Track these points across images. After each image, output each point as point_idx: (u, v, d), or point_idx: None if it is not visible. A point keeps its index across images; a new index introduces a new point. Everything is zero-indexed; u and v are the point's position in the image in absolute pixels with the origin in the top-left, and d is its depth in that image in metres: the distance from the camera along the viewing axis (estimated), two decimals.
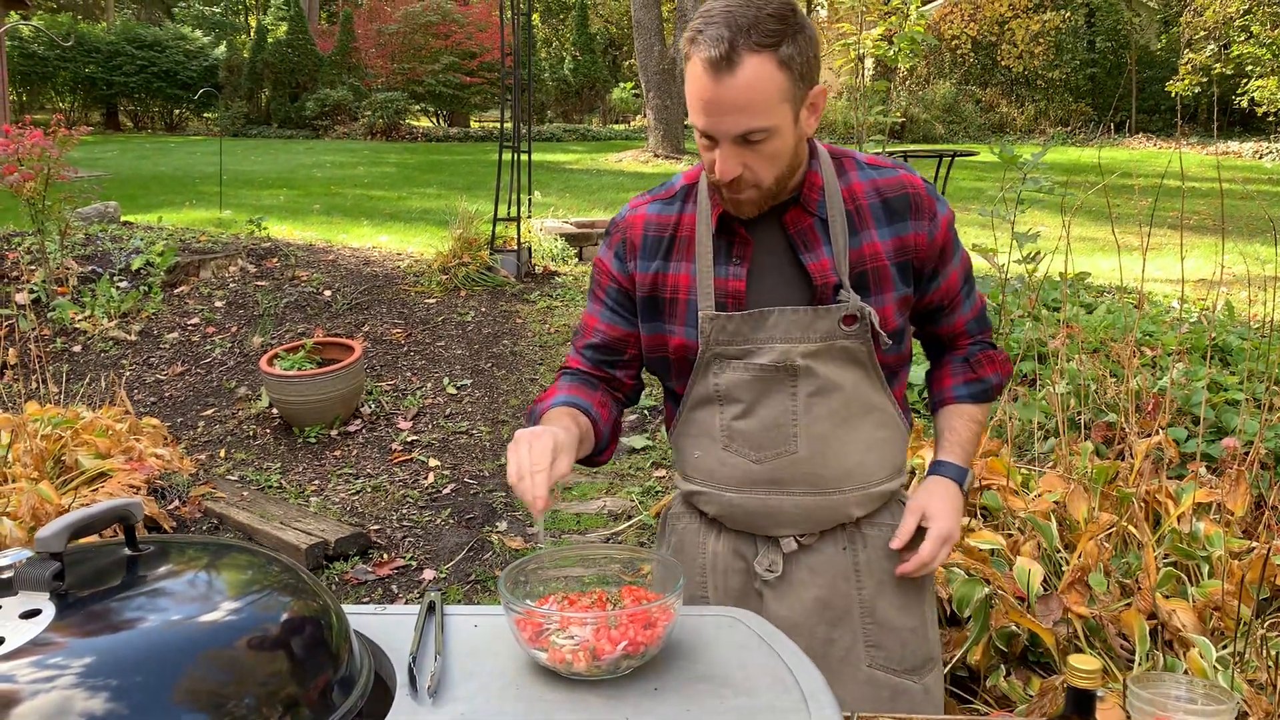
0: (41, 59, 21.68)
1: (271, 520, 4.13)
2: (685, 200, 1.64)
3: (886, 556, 1.64)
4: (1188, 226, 4.03)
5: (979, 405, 1.73)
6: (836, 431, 1.57)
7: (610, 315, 1.69)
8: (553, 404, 1.62)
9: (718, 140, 1.43)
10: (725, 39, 1.36)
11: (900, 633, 1.65)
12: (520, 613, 1.32)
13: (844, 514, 1.62)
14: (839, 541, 1.64)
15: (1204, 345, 4.25)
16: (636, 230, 1.65)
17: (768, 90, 1.39)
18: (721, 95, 1.38)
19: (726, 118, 1.40)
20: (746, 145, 1.43)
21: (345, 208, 10.74)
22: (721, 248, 1.58)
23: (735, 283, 1.56)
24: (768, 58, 1.37)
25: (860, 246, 1.56)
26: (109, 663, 1.00)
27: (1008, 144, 4.10)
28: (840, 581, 1.63)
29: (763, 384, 1.56)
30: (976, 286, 1.74)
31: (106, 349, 6.14)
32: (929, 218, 1.58)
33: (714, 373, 1.59)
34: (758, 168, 1.46)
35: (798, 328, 1.54)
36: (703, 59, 1.38)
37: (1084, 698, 1.14)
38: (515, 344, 6.34)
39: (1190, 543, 2.81)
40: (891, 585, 1.65)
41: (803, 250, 1.55)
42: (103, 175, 11.34)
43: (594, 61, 23.85)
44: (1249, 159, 17.08)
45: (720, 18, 1.38)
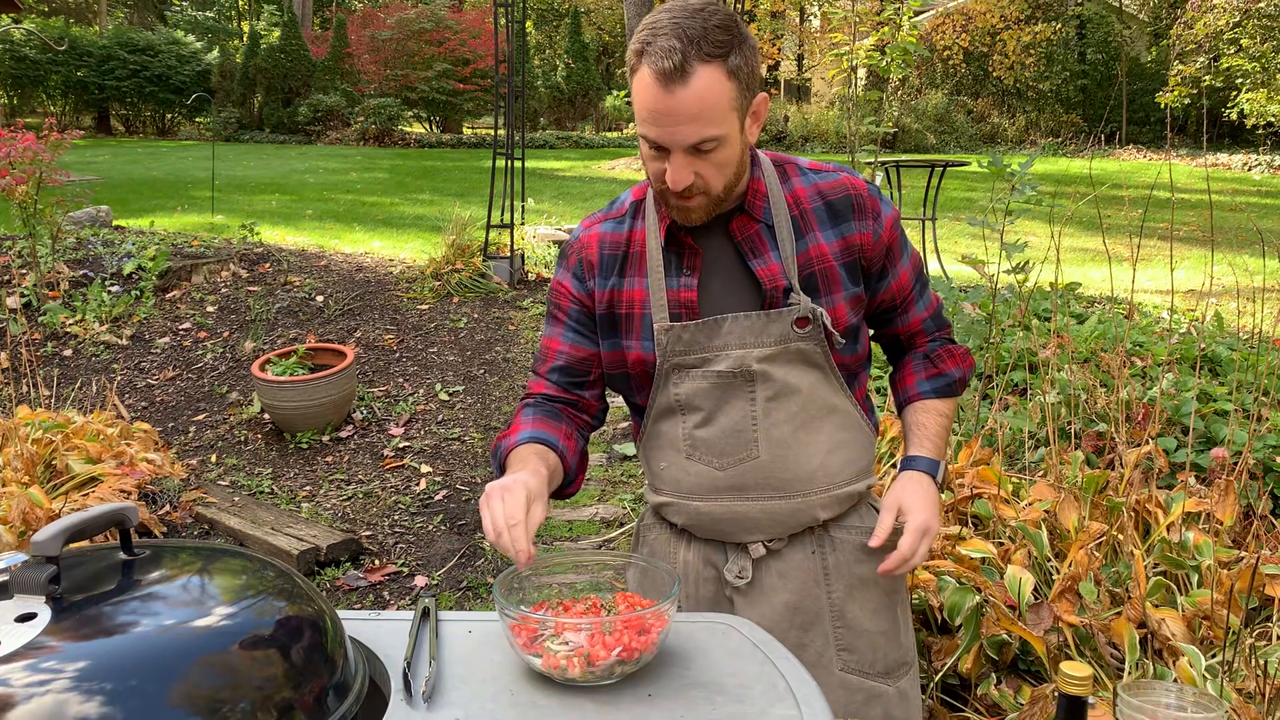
0: (33, 63, 21.61)
1: (263, 526, 4.12)
2: (635, 216, 1.66)
3: (856, 560, 1.66)
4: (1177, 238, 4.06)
5: (944, 400, 1.73)
6: (797, 435, 1.59)
7: (573, 336, 1.69)
8: (519, 441, 1.60)
9: (668, 150, 1.45)
10: (677, 50, 1.38)
11: (871, 636, 1.66)
12: (515, 618, 1.32)
13: (810, 517, 1.63)
14: (807, 546, 1.66)
15: (1193, 356, 4.27)
16: (592, 249, 1.66)
17: (719, 99, 1.41)
18: (674, 106, 1.40)
19: (680, 128, 1.42)
20: (697, 154, 1.45)
21: (338, 213, 10.74)
22: (672, 260, 1.60)
23: (687, 293, 1.58)
24: (717, 67, 1.40)
25: (807, 249, 1.58)
26: (104, 667, 1.00)
27: (998, 154, 4.12)
28: (810, 586, 1.65)
29: (721, 391, 1.58)
30: (930, 286, 1.76)
31: (98, 353, 6.12)
32: (873, 217, 1.60)
33: (673, 383, 1.61)
34: (708, 176, 1.48)
35: (751, 333, 1.56)
36: (654, 70, 1.39)
37: (1076, 704, 1.15)
38: (508, 350, 6.35)
39: (1180, 552, 2.82)
40: (861, 589, 1.66)
41: (751, 256, 1.57)
42: (95, 180, 11.31)
43: (587, 69, 23.88)
44: (1238, 171, 17.18)
45: (669, 29, 1.39)
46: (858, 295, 1.61)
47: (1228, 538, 2.95)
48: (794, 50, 26.91)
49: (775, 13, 23.64)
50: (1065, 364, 4.07)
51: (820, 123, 21.05)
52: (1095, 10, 23.03)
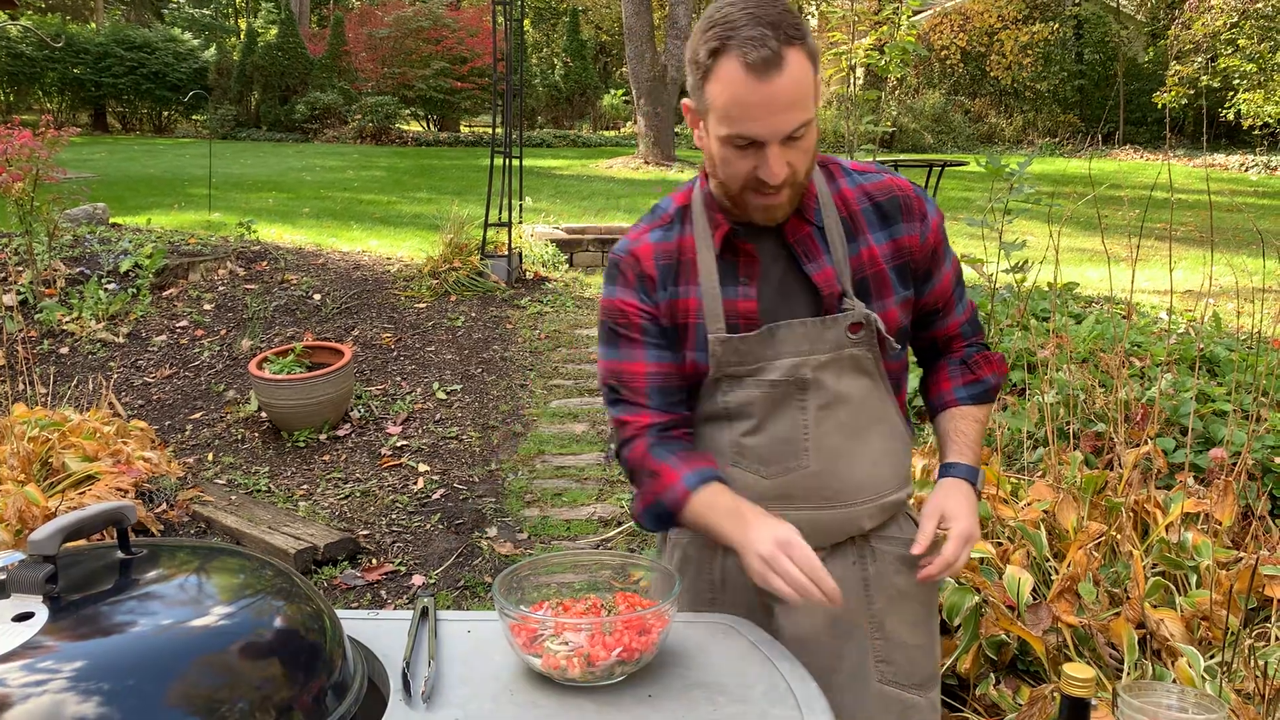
0: (30, 60, 21.56)
1: (260, 524, 4.12)
2: (682, 223, 1.60)
3: (895, 571, 1.63)
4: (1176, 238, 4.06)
5: (980, 406, 1.70)
6: (848, 444, 1.56)
7: (657, 353, 1.59)
8: (690, 485, 1.49)
9: (761, 144, 1.40)
10: (769, 38, 1.34)
11: (909, 649, 1.63)
12: (515, 618, 1.31)
13: (855, 526, 1.59)
14: (848, 556, 1.61)
15: (1192, 356, 4.27)
16: (648, 262, 1.59)
17: (807, 82, 1.39)
18: (772, 95, 1.36)
19: (779, 117, 1.38)
20: (791, 143, 1.41)
21: (335, 211, 10.72)
22: (727, 268, 1.55)
23: (746, 303, 1.53)
24: (800, 50, 1.37)
25: (859, 252, 1.55)
26: (102, 667, 1.00)
27: (995, 154, 4.12)
28: (850, 597, 1.58)
29: (773, 400, 1.54)
30: (966, 290, 1.73)
31: (94, 351, 6.11)
32: (920, 219, 1.58)
33: (722, 391, 1.56)
34: (798, 164, 1.44)
35: (807, 340, 1.52)
36: (747, 61, 1.35)
37: (1079, 706, 1.14)
38: (505, 349, 6.34)
39: (1178, 552, 2.82)
40: (900, 600, 1.63)
41: (805, 260, 1.54)
42: (91, 177, 11.29)
43: (585, 68, 23.86)
44: (1235, 171, 17.20)
45: (747, 19, 1.36)
46: (908, 299, 1.59)
47: (1226, 538, 2.95)
48: None
49: None
50: (1064, 364, 4.07)
51: (818, 122, 21.03)
52: (1093, 10, 23.04)
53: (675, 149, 16.37)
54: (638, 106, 15.94)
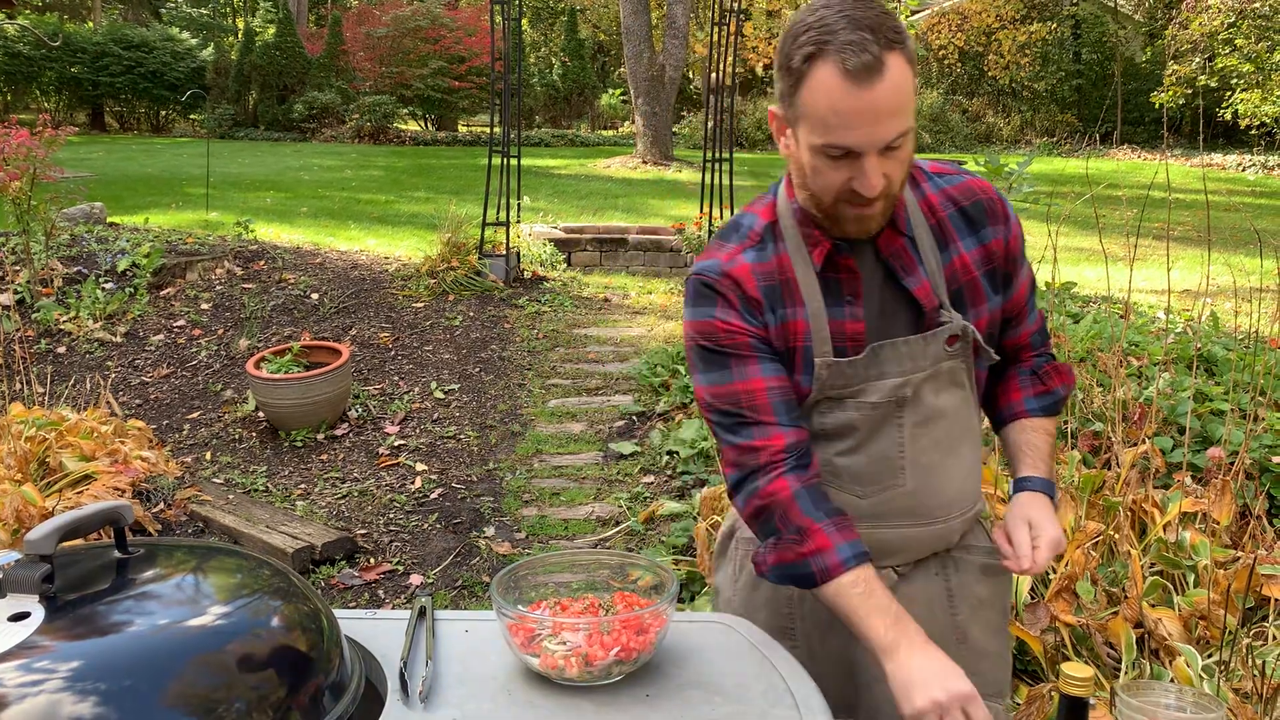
0: (27, 59, 21.52)
1: (257, 524, 4.11)
2: (774, 240, 1.50)
3: (976, 580, 1.60)
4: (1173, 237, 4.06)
5: (1050, 418, 1.64)
6: (942, 460, 1.52)
7: (773, 368, 1.48)
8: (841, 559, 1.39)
9: (857, 154, 1.32)
10: (869, 42, 1.27)
11: (990, 657, 1.60)
12: (513, 618, 1.31)
13: (946, 541, 1.57)
14: (930, 568, 1.59)
15: (1189, 355, 4.27)
16: (750, 283, 1.47)
17: (908, 89, 1.31)
18: (872, 103, 1.28)
19: (879, 126, 1.30)
20: (888, 152, 1.33)
21: (333, 211, 10.71)
22: (829, 286, 1.46)
23: (854, 324, 1.46)
24: (900, 54, 1.30)
25: (951, 261, 1.49)
26: (98, 666, 0.99)
27: (994, 154, 4.11)
28: (936, 609, 1.57)
29: (872, 421, 1.49)
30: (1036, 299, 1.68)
31: (92, 350, 6.10)
32: (1004, 221, 1.53)
33: (820, 412, 1.51)
34: (894, 174, 1.36)
35: (909, 358, 1.47)
36: (846, 68, 1.27)
37: (1077, 705, 1.14)
38: (503, 349, 6.33)
39: (1176, 552, 2.82)
40: (981, 609, 1.61)
41: (902, 274, 1.47)
42: (88, 176, 11.27)
43: (583, 67, 23.84)
44: (1232, 171, 17.22)
45: (845, 23, 1.28)
46: (998, 305, 1.54)
47: (1224, 537, 2.96)
48: None
49: (771, 11, 23.64)
50: None
51: None
52: (1090, 10, 23.06)
53: (673, 149, 16.37)
54: (636, 106, 15.93)
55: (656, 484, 4.57)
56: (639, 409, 5.40)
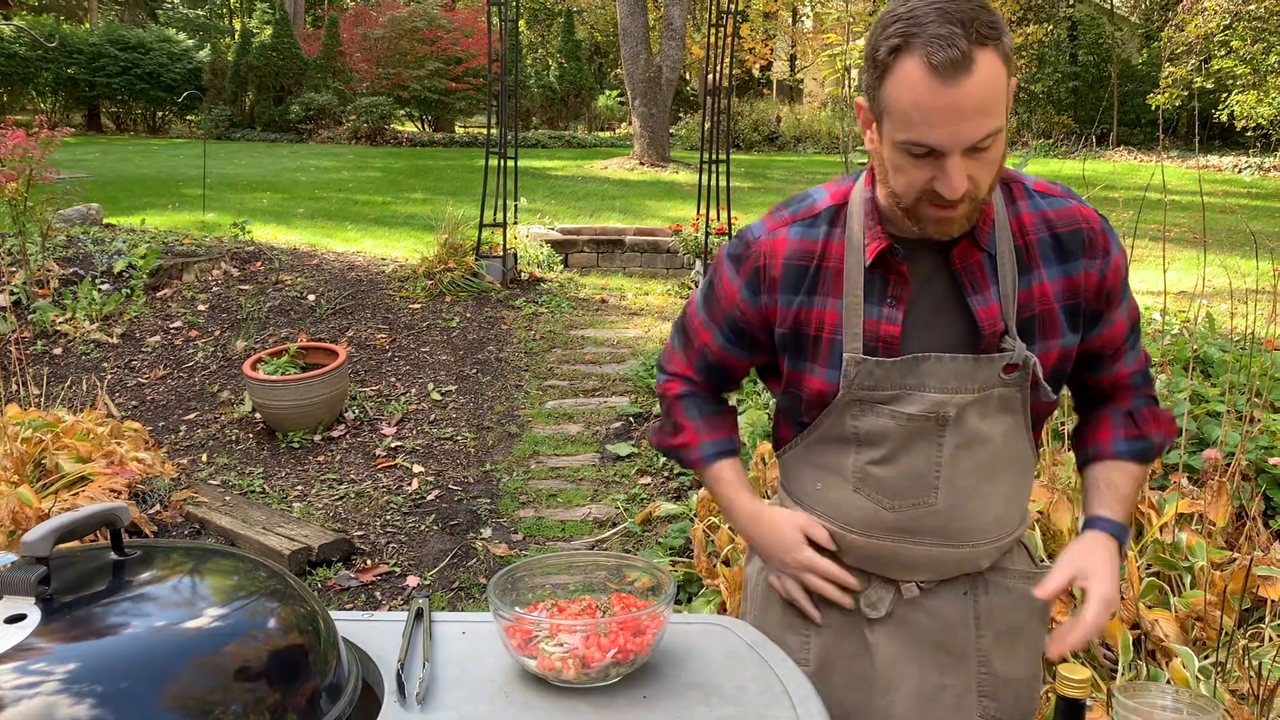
0: (23, 60, 21.49)
1: (254, 525, 4.11)
2: (832, 225, 1.45)
3: (1011, 605, 1.53)
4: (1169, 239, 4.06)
5: (1141, 465, 1.53)
6: (981, 486, 1.45)
7: (725, 342, 1.56)
8: (707, 456, 1.60)
9: (941, 154, 1.27)
10: (959, 37, 1.21)
11: (1015, 684, 1.55)
12: (509, 620, 1.31)
13: (973, 565, 1.51)
14: (959, 587, 1.52)
15: (1185, 357, 4.28)
16: (776, 260, 1.46)
17: (1000, 88, 1.25)
18: (959, 100, 1.22)
19: (966, 124, 1.24)
20: (974, 153, 1.27)
21: (330, 212, 10.70)
22: (875, 284, 1.42)
23: (889, 326, 1.41)
24: (994, 51, 1.23)
25: (1030, 287, 1.41)
26: (94, 669, 0.99)
27: None
28: (959, 628, 1.52)
29: (908, 433, 1.43)
30: (1141, 339, 1.57)
31: (88, 352, 6.09)
32: (1102, 255, 1.43)
33: (852, 415, 1.45)
34: (980, 177, 1.30)
35: (955, 377, 1.40)
36: (933, 63, 1.21)
37: (1074, 707, 1.15)
38: (500, 350, 6.33)
39: (1172, 553, 2.83)
40: (1010, 635, 1.54)
41: (970, 292, 1.40)
42: (85, 177, 11.25)
43: (580, 68, 23.85)
44: (1229, 173, 17.24)
45: (935, 15, 1.22)
46: (1073, 343, 1.46)
47: (1220, 539, 2.96)
48: (786, 51, 26.94)
49: (768, 13, 23.66)
50: None
51: (813, 123, 21.06)
52: (1086, 12, 23.10)
53: (670, 150, 16.38)
54: (633, 107, 15.94)
55: (653, 485, 4.57)
56: (636, 410, 5.40)
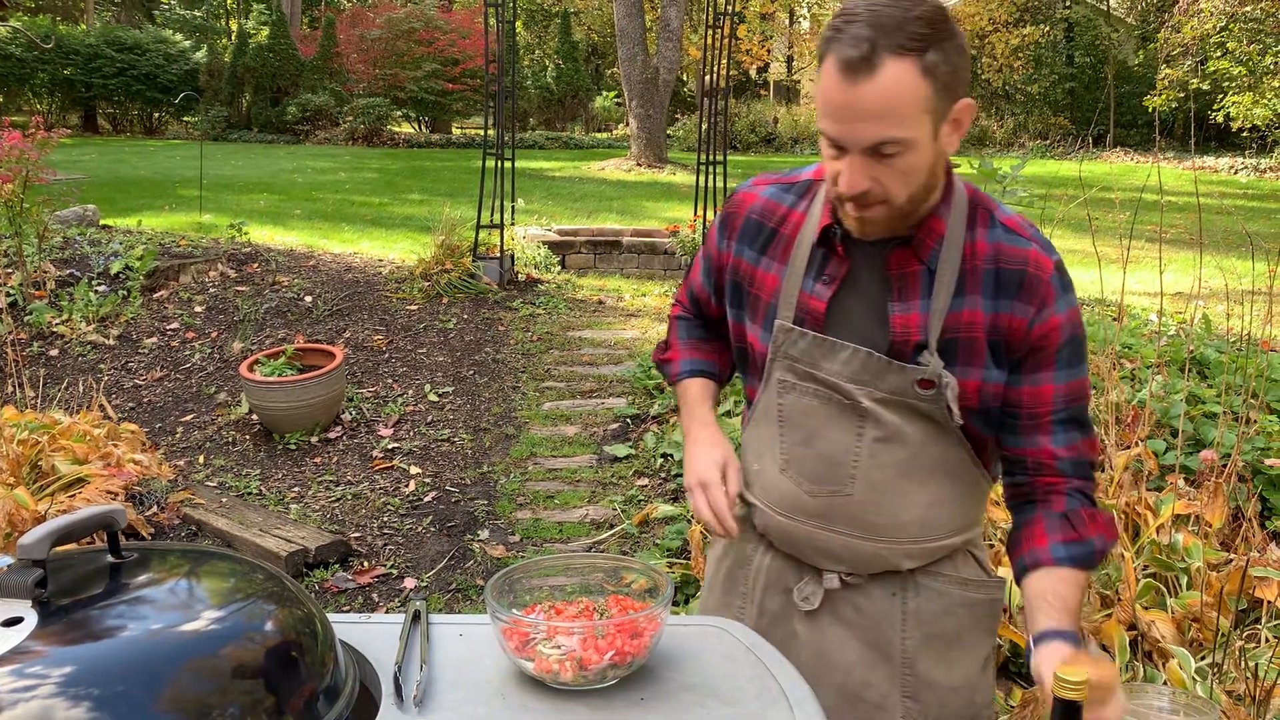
0: (19, 60, 21.45)
1: (251, 527, 4.10)
2: (803, 196, 1.53)
3: (945, 610, 1.53)
4: (1166, 240, 4.07)
5: (1081, 571, 1.43)
6: (899, 483, 1.47)
7: (704, 280, 1.70)
8: (681, 372, 1.71)
9: (846, 149, 1.32)
10: (866, 39, 1.25)
11: (941, 690, 1.54)
12: (507, 622, 1.31)
13: (893, 563, 1.52)
14: (889, 586, 1.53)
15: (1182, 358, 4.29)
16: (743, 210, 1.57)
17: (907, 99, 1.27)
18: (856, 100, 1.27)
19: (859, 125, 1.29)
20: (878, 157, 1.30)
21: (326, 213, 10.70)
22: (816, 260, 1.47)
23: (817, 301, 1.46)
24: (910, 63, 1.26)
25: (960, 311, 1.41)
26: (91, 672, 0.99)
27: (987, 157, 4.12)
28: (885, 627, 1.53)
29: (827, 415, 1.47)
30: (1089, 432, 1.47)
31: (84, 353, 6.08)
32: (1037, 306, 1.40)
33: (779, 393, 1.51)
34: (889, 183, 1.32)
35: (868, 372, 1.43)
36: (839, 59, 1.27)
37: (1071, 709, 1.15)
38: (497, 351, 6.33)
39: (1169, 554, 2.83)
40: (940, 640, 1.54)
41: (895, 298, 1.43)
42: (81, 178, 11.22)
43: (577, 69, 23.85)
44: (1224, 174, 17.27)
45: (864, 17, 1.27)
46: (1000, 378, 1.43)
47: (1217, 540, 2.96)
48: (783, 52, 26.96)
49: (765, 15, 23.68)
50: None
51: (810, 124, 21.08)
52: (1083, 13, 23.13)
53: (667, 151, 16.38)
54: (630, 108, 15.94)
55: (650, 487, 4.57)
56: (633, 411, 5.40)
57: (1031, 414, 1.44)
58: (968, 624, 1.55)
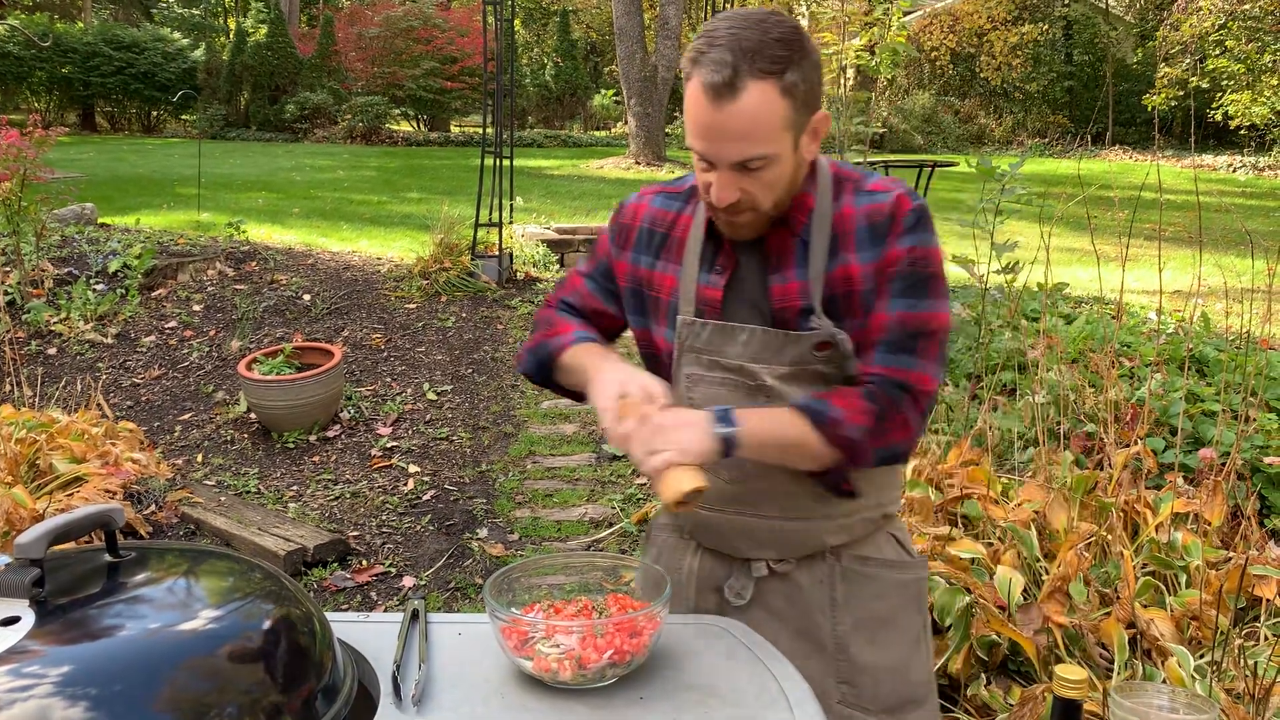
0: (17, 59, 21.43)
1: (249, 526, 4.10)
2: (688, 201, 1.61)
3: (874, 594, 1.59)
4: (1165, 238, 4.07)
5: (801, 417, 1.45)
6: None
7: (594, 286, 1.70)
8: (574, 339, 1.63)
9: (715, 165, 1.41)
10: (728, 64, 1.32)
11: (875, 671, 1.59)
12: (506, 621, 1.31)
13: (819, 541, 1.57)
14: (818, 573, 1.59)
15: (1181, 356, 4.29)
16: (636, 221, 1.64)
17: (769, 119, 1.35)
18: (722, 122, 1.35)
19: (726, 144, 1.37)
20: (745, 171, 1.39)
21: (325, 211, 10.69)
22: (707, 254, 1.56)
23: (712, 291, 1.54)
24: (771, 85, 1.34)
25: (835, 269, 1.48)
26: (89, 671, 0.99)
27: (986, 155, 4.12)
28: (815, 614, 1.59)
29: (736, 401, 1.51)
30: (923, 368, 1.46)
31: (82, 352, 6.08)
32: (888, 241, 1.46)
33: (689, 387, 1.55)
34: (756, 193, 1.42)
35: (767, 349, 1.50)
36: (704, 84, 1.34)
37: (1070, 707, 1.15)
38: (496, 350, 6.33)
39: (1168, 552, 2.83)
40: (871, 623, 1.59)
41: (773, 270, 1.50)
42: (79, 177, 11.21)
43: (575, 68, 23.84)
44: (1223, 172, 17.27)
45: (725, 41, 1.34)
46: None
47: (1216, 538, 2.96)
48: None
49: None
50: (1054, 364, 4.08)
51: None
52: (1082, 11, 23.12)
53: (666, 149, 16.37)
54: (629, 107, 15.93)
55: (649, 485, 4.57)
56: None
57: (863, 339, 1.48)
58: (897, 605, 1.61)
